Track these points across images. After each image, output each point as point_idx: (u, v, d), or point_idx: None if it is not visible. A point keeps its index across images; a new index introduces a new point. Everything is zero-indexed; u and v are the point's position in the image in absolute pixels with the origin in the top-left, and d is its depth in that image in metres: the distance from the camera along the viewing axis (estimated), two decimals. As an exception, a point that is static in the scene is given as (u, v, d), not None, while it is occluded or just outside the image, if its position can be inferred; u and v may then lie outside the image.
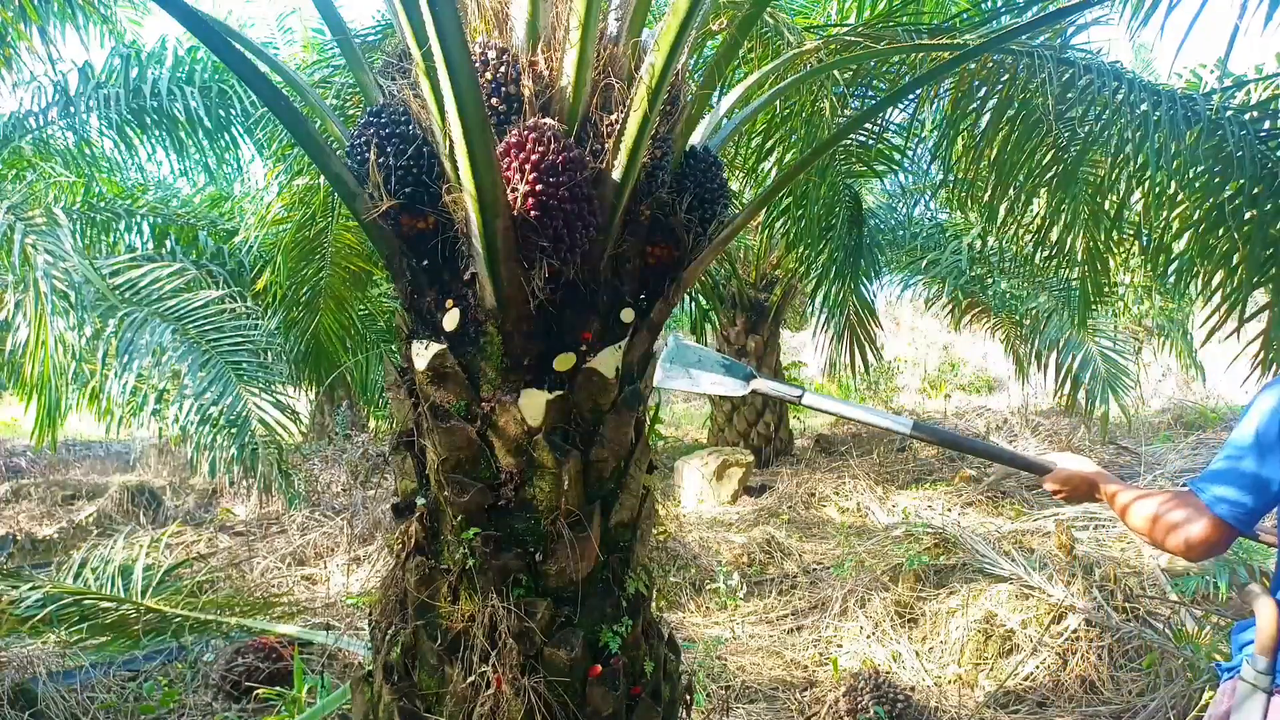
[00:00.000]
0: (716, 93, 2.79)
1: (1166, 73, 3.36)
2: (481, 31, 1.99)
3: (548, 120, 1.87)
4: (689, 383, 2.22)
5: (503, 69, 1.91)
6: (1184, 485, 1.62)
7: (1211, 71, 3.58)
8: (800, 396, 2.20)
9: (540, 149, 1.79)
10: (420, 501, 2.10)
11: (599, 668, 2.03)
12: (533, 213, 1.81)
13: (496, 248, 1.84)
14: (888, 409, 11.38)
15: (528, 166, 1.79)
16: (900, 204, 8.25)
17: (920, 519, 6.21)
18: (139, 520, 7.14)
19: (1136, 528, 1.70)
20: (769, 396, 2.16)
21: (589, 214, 1.88)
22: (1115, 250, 4.25)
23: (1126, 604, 4.11)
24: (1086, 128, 3.32)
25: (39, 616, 3.19)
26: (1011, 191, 3.75)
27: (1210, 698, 3.16)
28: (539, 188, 1.80)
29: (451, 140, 1.79)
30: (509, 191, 1.80)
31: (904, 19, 3.40)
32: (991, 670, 3.86)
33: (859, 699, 3.41)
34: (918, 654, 4.08)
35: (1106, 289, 4.42)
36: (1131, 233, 4.40)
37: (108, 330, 3.85)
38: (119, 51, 5.79)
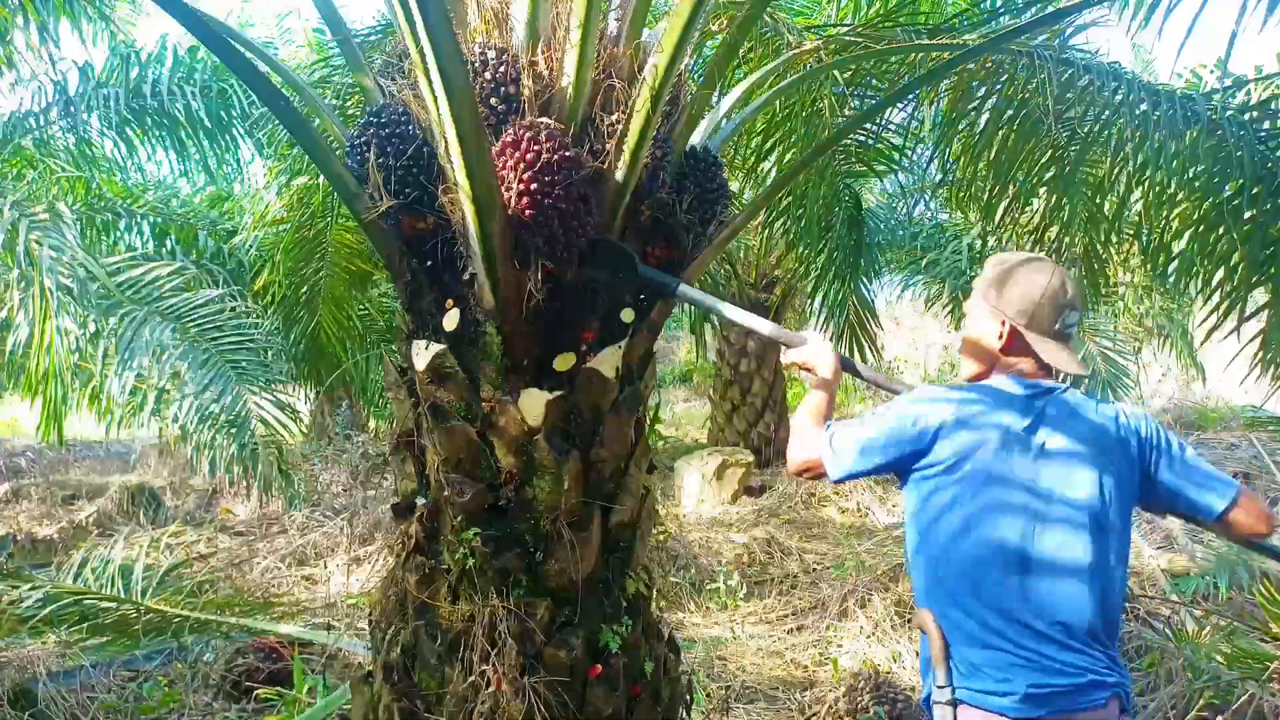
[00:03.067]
0: (716, 93, 2.79)
1: (1167, 73, 3.37)
2: (481, 31, 1.99)
3: (544, 119, 1.86)
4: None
5: (502, 69, 1.91)
6: (828, 430, 1.82)
7: (1211, 72, 3.57)
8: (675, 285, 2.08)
9: (535, 148, 1.78)
10: (420, 501, 2.10)
11: (599, 668, 2.03)
12: (527, 212, 1.80)
13: (493, 249, 1.84)
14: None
15: (522, 165, 1.78)
16: (900, 204, 8.24)
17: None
18: (139, 520, 7.13)
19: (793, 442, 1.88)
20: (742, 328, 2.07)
21: (585, 214, 1.87)
22: (1114, 250, 4.26)
23: (1126, 604, 4.11)
24: (1086, 128, 3.33)
25: (39, 616, 3.19)
26: (1010, 191, 3.75)
27: (1209, 697, 3.16)
28: (533, 186, 1.79)
29: (446, 142, 1.79)
30: (504, 191, 1.80)
31: (903, 19, 3.40)
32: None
33: (859, 699, 3.40)
34: (917, 654, 4.08)
35: (1104, 289, 4.43)
36: (1131, 233, 4.40)
37: (108, 328, 3.85)
38: (119, 51, 5.79)
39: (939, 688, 1.62)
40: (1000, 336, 1.75)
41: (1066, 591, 1.62)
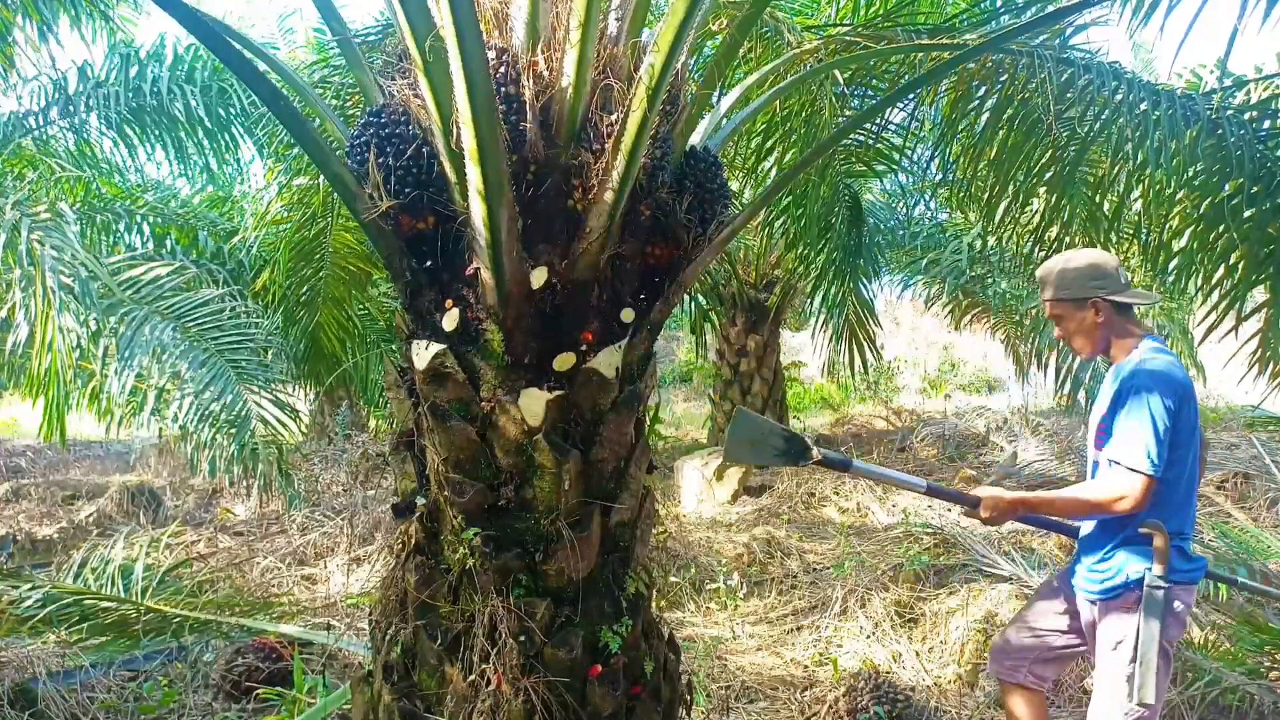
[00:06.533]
0: (716, 93, 2.79)
1: (1167, 73, 3.38)
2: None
3: None
4: (753, 455, 2.25)
5: (503, 69, 1.91)
6: (1110, 463, 2.23)
7: (1211, 71, 3.58)
8: (850, 465, 2.28)
9: None
10: (420, 501, 2.10)
11: (599, 668, 2.03)
12: None
13: (500, 238, 1.84)
14: (887, 409, 11.40)
15: None
16: (900, 204, 8.24)
17: (920, 519, 6.21)
18: (139, 520, 7.13)
19: (1088, 509, 2.28)
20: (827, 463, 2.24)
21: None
22: (1114, 249, 4.26)
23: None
24: (1086, 127, 3.33)
25: (39, 616, 3.19)
26: (1010, 191, 3.75)
27: (1213, 698, 3.16)
28: None
29: (459, 126, 1.78)
30: None
31: (903, 19, 3.40)
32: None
33: (859, 699, 3.40)
34: (918, 654, 4.08)
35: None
36: (1130, 232, 4.41)
37: (109, 327, 3.85)
38: (118, 50, 5.79)
39: (1159, 577, 2.18)
40: (1096, 312, 2.28)
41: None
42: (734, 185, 3.93)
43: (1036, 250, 4.13)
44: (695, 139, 2.31)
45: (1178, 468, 2.23)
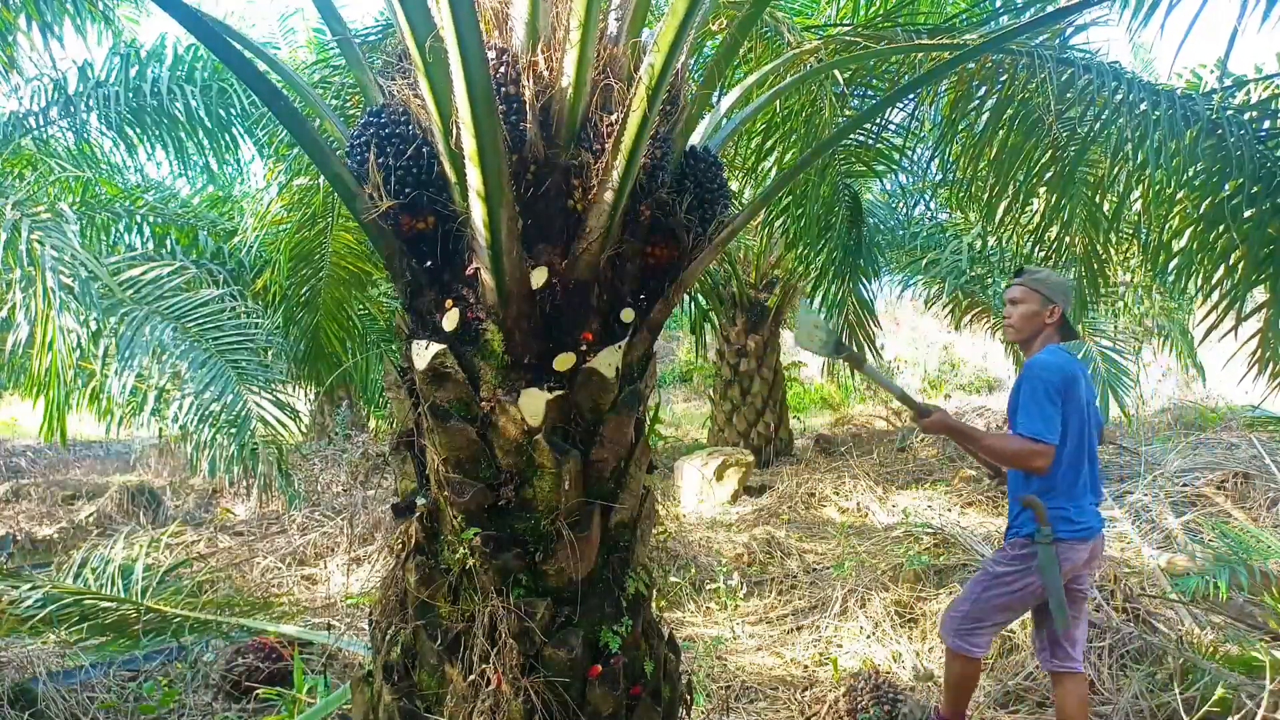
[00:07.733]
0: (716, 93, 2.79)
1: (1167, 73, 3.38)
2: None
3: None
4: (809, 340, 3.06)
5: (502, 69, 1.91)
6: (1016, 431, 2.77)
7: (1211, 72, 3.58)
8: (864, 364, 3.08)
9: None
10: (420, 501, 2.10)
11: (599, 668, 2.03)
12: None
13: (500, 239, 1.84)
14: (887, 409, 11.39)
15: None
16: (900, 203, 8.24)
17: (920, 519, 6.22)
18: (139, 520, 7.14)
19: (999, 454, 2.90)
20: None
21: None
22: (1114, 250, 4.26)
23: (1126, 604, 4.11)
24: (1086, 127, 3.33)
25: (39, 616, 3.19)
26: (1010, 191, 3.75)
27: (1218, 696, 3.16)
28: None
29: (459, 126, 1.78)
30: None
31: (903, 19, 3.40)
32: (991, 670, 3.86)
33: (859, 699, 3.41)
34: (918, 654, 4.08)
35: (1104, 288, 4.43)
36: (1130, 232, 4.41)
37: (109, 327, 3.85)
38: (118, 50, 5.78)
39: (1044, 533, 2.76)
40: (1050, 314, 2.88)
41: (1096, 473, 2.91)
42: (734, 185, 3.93)
43: (1036, 250, 4.13)
44: (695, 139, 2.31)
45: (1066, 440, 2.80)
